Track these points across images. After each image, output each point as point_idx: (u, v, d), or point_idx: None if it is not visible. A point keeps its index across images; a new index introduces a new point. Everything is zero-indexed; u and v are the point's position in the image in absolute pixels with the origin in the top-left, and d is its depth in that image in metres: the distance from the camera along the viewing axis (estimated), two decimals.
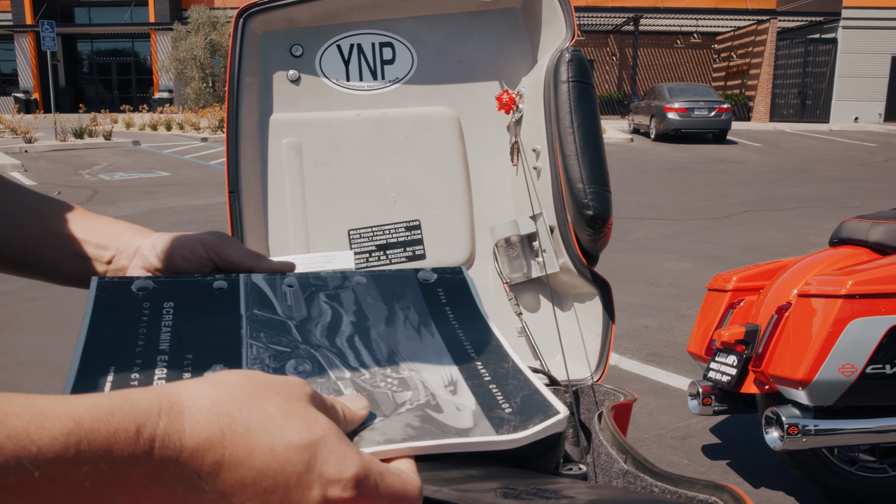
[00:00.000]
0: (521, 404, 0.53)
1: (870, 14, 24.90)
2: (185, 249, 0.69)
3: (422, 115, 1.45)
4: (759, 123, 25.09)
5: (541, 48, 1.42)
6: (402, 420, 0.51)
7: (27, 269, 0.72)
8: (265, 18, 1.38)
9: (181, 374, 0.53)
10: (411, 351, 0.61)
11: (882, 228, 2.56)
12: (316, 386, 0.54)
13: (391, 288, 0.69)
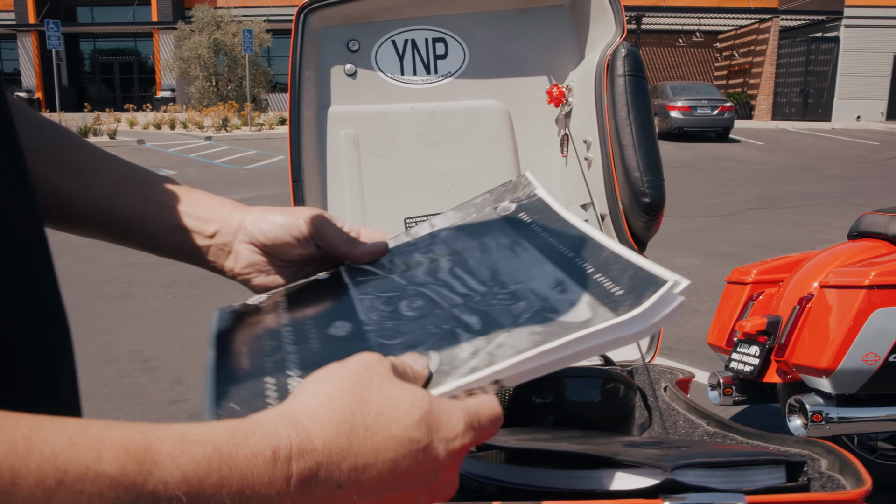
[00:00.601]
0: (630, 283, 0.53)
1: (872, 13, 24.95)
2: (292, 228, 0.69)
3: (473, 108, 1.51)
4: (761, 122, 25.14)
5: (588, 44, 1.48)
6: (525, 329, 0.52)
7: (127, 238, 0.71)
8: (323, 15, 1.43)
9: (307, 335, 0.57)
10: (512, 268, 0.63)
11: None
12: (432, 317, 0.57)
13: (476, 227, 0.71)
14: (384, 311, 0.60)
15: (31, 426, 0.32)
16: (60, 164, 0.67)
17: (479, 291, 0.60)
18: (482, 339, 0.53)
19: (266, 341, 0.58)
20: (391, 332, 0.57)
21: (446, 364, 0.51)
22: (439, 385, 0.48)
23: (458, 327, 0.55)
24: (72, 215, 0.68)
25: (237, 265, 0.70)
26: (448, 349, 0.53)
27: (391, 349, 0.54)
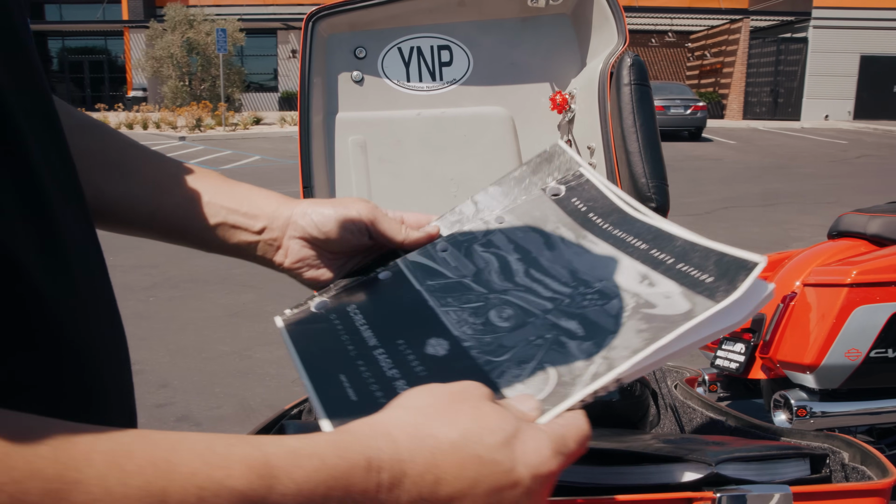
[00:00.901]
0: (718, 269, 0.53)
1: (839, 14, 25.42)
2: (345, 220, 0.69)
3: (478, 114, 1.54)
4: (732, 121, 25.50)
5: (590, 52, 1.52)
6: (631, 328, 0.52)
7: (174, 236, 0.71)
8: (331, 22, 1.46)
9: (406, 358, 0.57)
10: (589, 264, 0.62)
11: (879, 221, 2.70)
12: (529, 327, 0.57)
13: (532, 214, 0.70)
14: (475, 323, 0.59)
15: (168, 447, 0.35)
16: (104, 166, 0.67)
17: (566, 293, 0.60)
18: (590, 343, 0.53)
19: (361, 364, 0.57)
20: (494, 347, 0.56)
21: (566, 375, 0.51)
22: (568, 396, 0.48)
23: (561, 335, 0.55)
24: (118, 216, 0.68)
25: (287, 260, 0.70)
26: (562, 359, 0.52)
27: (501, 366, 0.54)
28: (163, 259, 6.09)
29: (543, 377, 0.52)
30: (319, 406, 0.52)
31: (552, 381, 0.51)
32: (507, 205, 0.74)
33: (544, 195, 0.72)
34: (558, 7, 1.50)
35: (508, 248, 0.67)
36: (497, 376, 0.54)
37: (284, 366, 3.82)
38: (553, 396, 0.50)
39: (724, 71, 27.27)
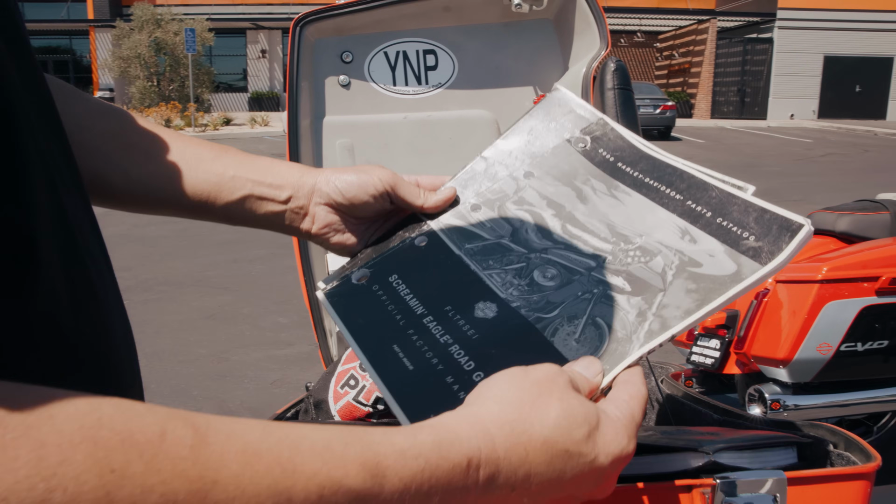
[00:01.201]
0: (759, 227, 0.53)
1: (803, 15, 25.88)
2: (368, 186, 0.71)
3: (464, 117, 1.57)
4: (701, 120, 25.84)
5: (573, 56, 1.55)
6: (679, 287, 0.53)
7: (201, 213, 0.73)
8: (318, 27, 1.48)
9: (456, 323, 0.57)
10: (626, 217, 0.62)
11: (847, 219, 2.78)
12: (577, 284, 0.58)
13: (560, 167, 0.69)
14: (521, 284, 0.60)
15: (291, 446, 0.36)
16: (128, 148, 0.69)
17: (607, 250, 0.60)
18: (639, 299, 0.53)
19: (412, 333, 0.58)
20: (542, 304, 0.57)
21: (620, 331, 0.52)
22: (627, 355, 0.50)
23: (609, 290, 0.56)
24: (147, 197, 0.71)
25: (314, 226, 0.73)
26: (613, 314, 0.53)
27: (553, 322, 0.55)
28: (135, 262, 6.03)
29: (597, 333, 0.53)
30: (379, 379, 0.54)
31: (606, 337, 0.52)
32: (529, 158, 0.72)
33: (570, 146, 0.70)
34: (541, 12, 1.53)
35: (542, 205, 0.67)
36: (550, 334, 0.55)
37: (263, 368, 3.81)
38: (610, 355, 0.51)
39: (693, 71, 27.63)
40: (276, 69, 29.10)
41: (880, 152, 15.76)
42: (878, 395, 2.61)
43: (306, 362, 3.89)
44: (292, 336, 4.30)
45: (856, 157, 14.90)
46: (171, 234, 7.29)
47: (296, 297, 5.05)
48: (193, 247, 6.70)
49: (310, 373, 3.74)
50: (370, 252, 0.71)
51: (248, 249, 6.54)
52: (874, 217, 2.75)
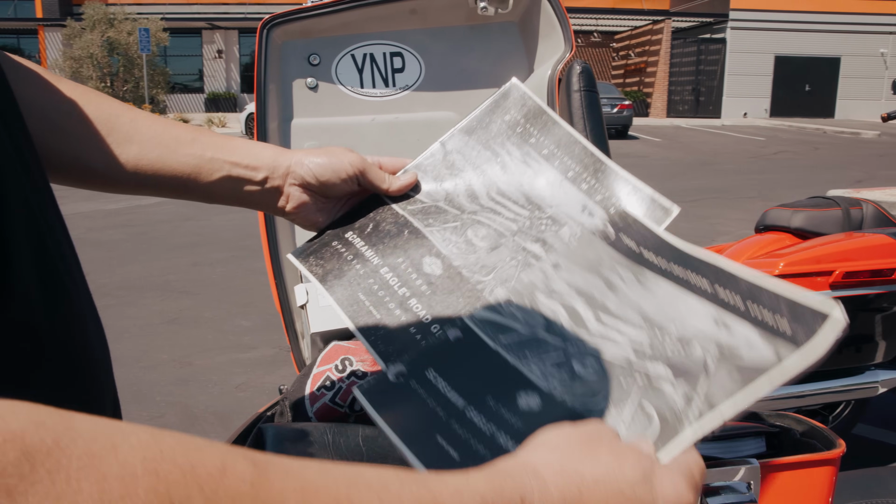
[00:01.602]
0: (792, 315, 0.52)
1: (755, 16, 26.46)
2: (339, 169, 0.77)
3: (431, 119, 1.58)
4: (657, 119, 26.24)
5: (538, 58, 1.57)
6: (724, 377, 0.52)
7: (181, 193, 0.76)
8: (285, 29, 1.47)
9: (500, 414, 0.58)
10: (657, 307, 0.61)
11: (802, 215, 2.86)
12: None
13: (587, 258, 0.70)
14: (562, 376, 0.60)
15: (347, 484, 0.36)
16: (109, 133, 0.71)
17: (645, 342, 0.59)
18: (684, 383, 0.53)
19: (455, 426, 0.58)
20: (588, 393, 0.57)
21: (669, 416, 0.52)
22: (678, 433, 0.50)
23: (659, 380, 0.55)
24: (129, 180, 0.73)
25: (289, 205, 0.78)
26: (661, 400, 0.53)
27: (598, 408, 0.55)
28: (92, 266, 5.91)
29: (645, 419, 0.52)
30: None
31: (655, 422, 0.52)
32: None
33: (595, 237, 0.73)
34: (506, 15, 1.55)
35: (572, 294, 0.68)
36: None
37: (227, 371, 3.78)
38: (662, 437, 0.51)
39: (648, 70, 28.05)
40: (232, 69, 28.76)
41: (830, 150, 16.19)
42: (833, 385, 2.69)
43: (271, 365, 3.87)
44: (256, 339, 4.27)
45: (807, 154, 15.29)
46: (128, 237, 7.16)
47: (258, 300, 5.01)
48: (152, 250, 6.60)
49: (274, 376, 3.72)
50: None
51: (208, 252, 6.46)
52: (827, 213, 2.84)
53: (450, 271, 0.70)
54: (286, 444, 0.88)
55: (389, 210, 0.78)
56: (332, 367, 1.02)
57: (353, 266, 0.72)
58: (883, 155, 14.87)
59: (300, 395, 1.02)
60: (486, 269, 0.69)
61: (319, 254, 0.75)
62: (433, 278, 0.69)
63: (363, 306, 0.68)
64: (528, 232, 0.72)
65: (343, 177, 0.77)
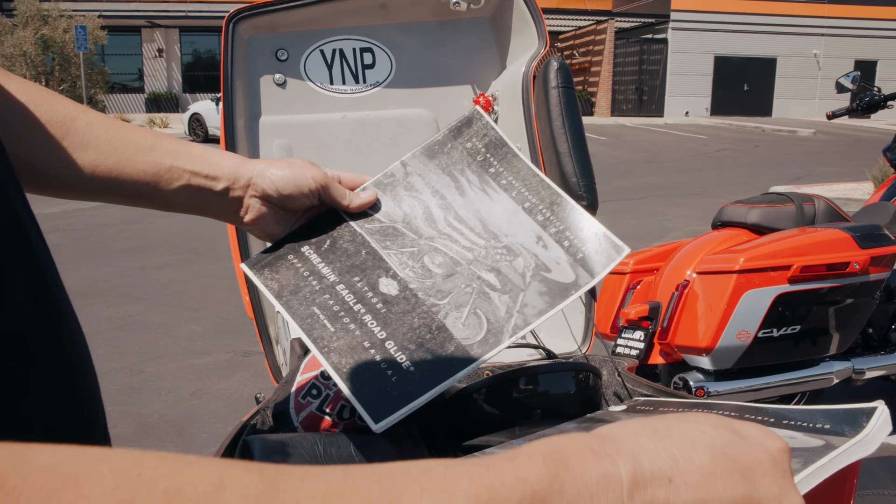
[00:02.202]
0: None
1: (695, 17, 27.07)
2: (301, 184, 0.77)
3: (403, 116, 1.54)
4: (602, 118, 26.61)
5: (510, 54, 1.55)
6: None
7: (139, 201, 0.74)
8: (252, 23, 1.42)
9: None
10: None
11: (758, 211, 2.91)
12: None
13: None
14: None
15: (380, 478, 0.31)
16: (66, 137, 0.68)
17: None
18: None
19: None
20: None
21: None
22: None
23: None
24: (85, 186, 0.71)
25: (247, 216, 0.77)
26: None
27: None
28: None
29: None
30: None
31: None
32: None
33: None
34: (478, 11, 1.53)
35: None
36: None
37: (180, 378, 3.67)
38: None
39: (592, 70, 28.42)
40: (174, 69, 28.15)
41: (769, 147, 16.66)
42: (790, 377, 2.75)
43: (226, 371, 3.77)
44: (209, 344, 4.16)
45: (747, 152, 15.69)
46: (69, 242, 6.92)
47: (210, 304, 4.89)
48: (95, 255, 6.39)
49: (230, 381, 3.63)
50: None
51: (155, 256, 6.29)
52: (782, 209, 2.89)
53: (406, 292, 0.72)
54: (275, 456, 0.84)
55: (347, 227, 0.79)
56: (318, 374, 0.98)
57: (309, 282, 0.73)
58: (819, 152, 15.36)
59: (285, 404, 0.98)
60: (442, 294, 0.72)
61: (274, 266, 0.76)
62: (389, 298, 0.72)
63: (318, 320, 0.70)
64: (483, 261, 0.74)
65: (305, 191, 0.77)
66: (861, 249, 2.58)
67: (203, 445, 2.95)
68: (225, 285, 5.32)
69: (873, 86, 3.46)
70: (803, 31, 27.94)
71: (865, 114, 3.32)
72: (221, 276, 5.58)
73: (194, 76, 28.70)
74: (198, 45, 28.63)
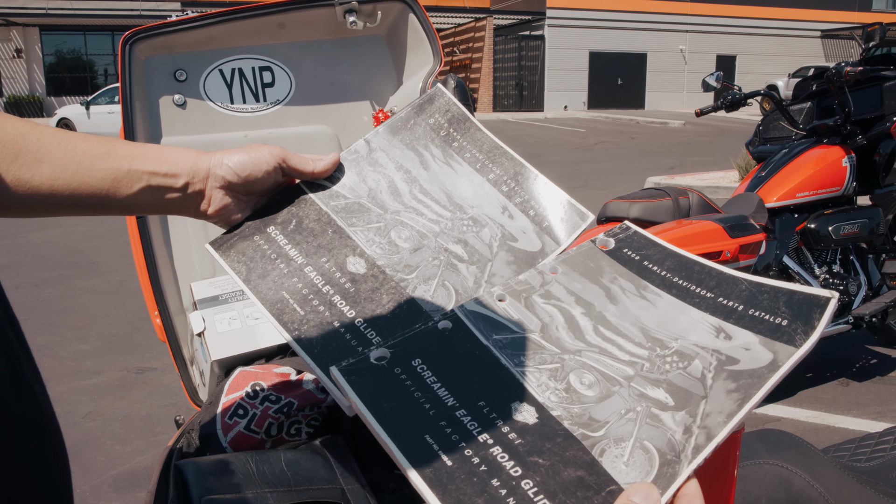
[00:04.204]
0: (790, 310, 0.56)
1: (570, 14, 28.01)
2: (262, 162, 0.75)
3: (305, 133, 1.57)
4: (484, 114, 27.09)
5: (406, 71, 1.61)
6: (720, 391, 0.53)
7: (100, 209, 0.73)
8: (148, 44, 1.41)
9: (494, 424, 0.54)
10: (658, 320, 0.62)
11: (638, 206, 3.10)
12: (617, 398, 0.56)
13: (586, 266, 0.70)
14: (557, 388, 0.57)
15: None
16: (18, 154, 0.67)
17: (644, 357, 0.59)
18: (684, 414, 0.53)
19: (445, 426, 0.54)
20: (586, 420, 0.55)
21: (669, 454, 0.51)
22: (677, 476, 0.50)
23: (652, 406, 0.55)
24: (42, 202, 0.69)
25: (211, 208, 0.76)
26: (660, 437, 0.52)
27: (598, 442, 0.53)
28: None
29: (646, 459, 0.51)
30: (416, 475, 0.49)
31: (656, 461, 0.51)
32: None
33: (594, 246, 0.73)
34: (374, 28, 1.58)
35: (570, 301, 0.66)
36: (598, 454, 0.52)
37: (70, 402, 3.52)
38: (661, 477, 0.50)
39: (473, 66, 28.89)
40: (35, 71, 26.48)
41: (644, 139, 17.49)
42: None
43: (119, 390, 3.65)
44: (99, 363, 4.00)
45: (624, 144, 16.41)
46: None
47: (96, 321, 4.69)
48: None
49: (125, 401, 3.51)
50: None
51: (30, 273, 5.96)
52: (659, 203, 3.09)
53: (373, 270, 0.71)
54: (209, 478, 0.86)
55: (312, 205, 0.77)
56: (243, 394, 1.01)
57: (277, 265, 0.72)
58: (689, 143, 16.27)
59: (210, 425, 1.00)
60: (410, 269, 0.71)
61: (240, 248, 0.74)
62: (357, 276, 0.70)
63: (288, 304, 0.68)
64: (450, 233, 0.74)
65: (266, 168, 0.76)
66: (731, 238, 2.81)
67: (101, 469, 2.86)
68: (111, 300, 5.12)
69: (734, 84, 3.75)
70: (670, 27, 29.48)
71: (730, 110, 3.59)
72: (106, 290, 5.36)
73: (59, 78, 27.12)
74: (61, 44, 27.07)
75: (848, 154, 3.38)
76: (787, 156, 3.44)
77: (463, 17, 28.47)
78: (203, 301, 1.30)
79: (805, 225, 3.28)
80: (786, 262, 3.25)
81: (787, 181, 3.29)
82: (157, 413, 3.38)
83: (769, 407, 3.32)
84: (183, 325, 1.38)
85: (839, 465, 1.11)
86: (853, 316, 3.26)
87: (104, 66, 27.77)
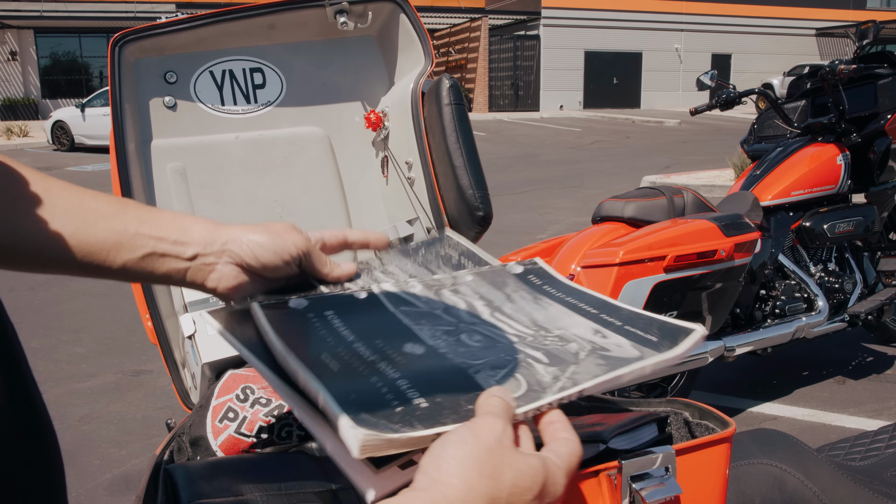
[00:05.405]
0: (661, 332, 0.63)
1: (565, 13, 28.04)
2: (282, 252, 0.72)
3: (296, 134, 1.57)
4: (480, 114, 27.10)
5: (398, 71, 1.61)
6: (590, 362, 0.60)
7: (96, 271, 0.68)
8: (138, 46, 1.41)
9: (386, 352, 0.61)
10: (546, 317, 0.70)
11: (633, 206, 3.09)
12: (499, 348, 0.63)
13: (493, 280, 0.78)
14: (449, 339, 0.65)
15: None
16: (16, 202, 0.63)
17: (529, 333, 0.67)
18: (555, 368, 0.60)
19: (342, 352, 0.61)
20: (469, 355, 0.62)
21: (535, 386, 0.57)
22: (538, 399, 0.55)
23: (528, 358, 0.62)
24: (38, 256, 0.66)
25: (221, 284, 0.72)
26: (531, 375, 0.59)
27: (479, 368, 0.60)
28: None
29: (515, 383, 0.58)
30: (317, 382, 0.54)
31: (523, 386, 0.57)
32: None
33: (504, 269, 0.80)
34: (365, 29, 1.57)
35: (474, 297, 0.74)
36: (474, 372, 0.59)
37: (66, 405, 3.51)
38: (525, 398, 0.55)
39: (469, 66, 28.90)
40: (30, 73, 26.43)
41: (639, 138, 17.50)
42: None
43: (115, 393, 3.64)
44: (94, 366, 3.99)
45: (619, 143, 16.43)
46: None
47: (91, 323, 4.68)
48: None
49: (120, 403, 3.50)
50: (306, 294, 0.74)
51: (24, 277, 5.94)
52: (654, 202, 3.09)
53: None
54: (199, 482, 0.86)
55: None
56: (233, 397, 1.00)
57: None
58: (685, 142, 16.29)
59: (201, 429, 0.99)
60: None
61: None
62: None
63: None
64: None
65: (286, 259, 0.72)
66: (726, 237, 2.81)
67: (96, 472, 2.85)
68: (106, 303, 5.11)
69: (729, 83, 3.75)
70: (665, 26, 29.51)
71: (724, 109, 3.59)
72: (101, 293, 5.34)
73: (54, 80, 27.07)
74: (56, 47, 27.03)
75: (842, 152, 3.38)
76: (781, 154, 3.44)
77: (458, 17, 28.47)
78: (194, 303, 1.29)
79: (800, 223, 3.28)
80: (781, 261, 3.25)
81: (781, 179, 3.29)
82: (152, 416, 3.37)
83: (765, 405, 3.33)
84: (174, 327, 1.38)
85: (833, 464, 1.11)
86: (849, 314, 3.27)
87: (99, 68, 27.71)
